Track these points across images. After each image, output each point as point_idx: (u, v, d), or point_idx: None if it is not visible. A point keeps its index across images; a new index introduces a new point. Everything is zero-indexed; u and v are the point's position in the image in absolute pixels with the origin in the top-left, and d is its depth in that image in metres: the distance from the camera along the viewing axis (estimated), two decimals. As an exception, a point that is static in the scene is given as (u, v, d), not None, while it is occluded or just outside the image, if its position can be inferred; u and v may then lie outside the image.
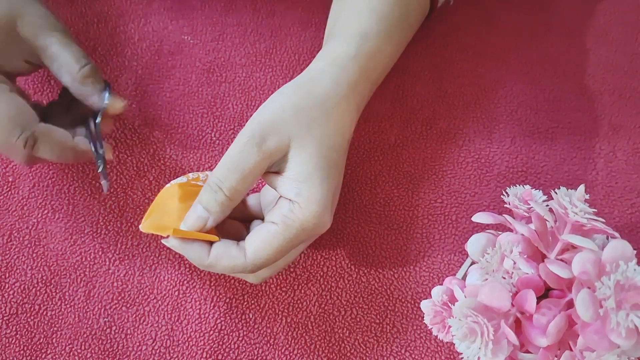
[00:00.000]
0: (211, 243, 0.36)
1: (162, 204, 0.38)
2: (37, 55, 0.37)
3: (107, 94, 0.38)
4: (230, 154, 0.36)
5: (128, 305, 0.41)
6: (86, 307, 0.41)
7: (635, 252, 0.32)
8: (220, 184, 0.35)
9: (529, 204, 0.37)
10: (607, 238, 0.37)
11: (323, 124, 0.37)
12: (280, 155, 0.36)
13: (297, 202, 0.35)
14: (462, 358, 0.34)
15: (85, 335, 0.40)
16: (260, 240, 0.35)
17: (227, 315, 0.41)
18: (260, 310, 0.42)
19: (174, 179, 0.42)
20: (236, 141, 0.36)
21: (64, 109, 0.40)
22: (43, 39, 0.37)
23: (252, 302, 0.42)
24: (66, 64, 0.37)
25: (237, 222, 0.40)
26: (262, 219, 0.39)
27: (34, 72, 0.40)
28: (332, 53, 0.40)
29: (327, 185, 0.36)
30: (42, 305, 0.41)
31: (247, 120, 0.47)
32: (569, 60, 0.52)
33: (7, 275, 0.42)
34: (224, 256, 0.36)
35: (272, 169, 0.37)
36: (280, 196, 0.37)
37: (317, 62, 0.40)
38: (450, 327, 0.34)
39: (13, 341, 0.40)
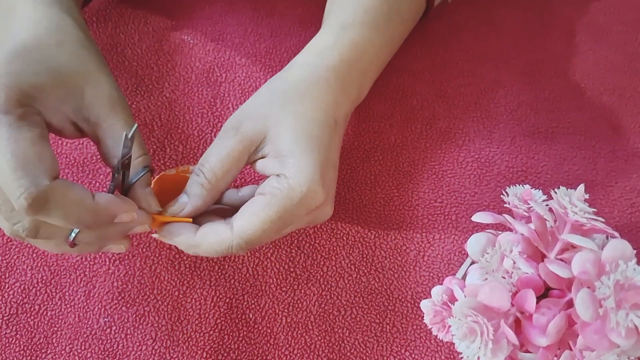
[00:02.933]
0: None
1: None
2: (91, 125, 0.34)
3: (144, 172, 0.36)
4: (213, 143, 0.37)
5: (128, 305, 0.41)
6: (86, 307, 0.41)
7: (635, 251, 0.32)
8: (201, 167, 0.36)
9: (529, 204, 0.37)
10: (607, 238, 0.37)
11: (298, 101, 0.37)
12: (260, 138, 0.36)
13: (283, 173, 0.35)
14: (462, 358, 0.34)
15: (85, 335, 0.40)
16: (247, 212, 0.35)
17: (227, 315, 0.41)
18: (260, 310, 0.42)
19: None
20: (219, 133, 0.37)
21: None
22: (110, 118, 0.34)
23: (252, 302, 0.42)
24: (116, 150, 0.34)
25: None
26: None
27: (76, 138, 0.36)
28: (314, 44, 0.41)
29: (312, 157, 0.35)
30: (42, 305, 0.41)
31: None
32: (569, 60, 0.52)
33: (7, 275, 0.42)
34: (210, 233, 0.35)
35: (257, 156, 0.37)
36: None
37: (298, 55, 0.41)
38: (450, 326, 0.34)
39: (13, 341, 0.40)
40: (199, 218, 0.37)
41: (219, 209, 0.39)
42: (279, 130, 0.36)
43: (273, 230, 0.35)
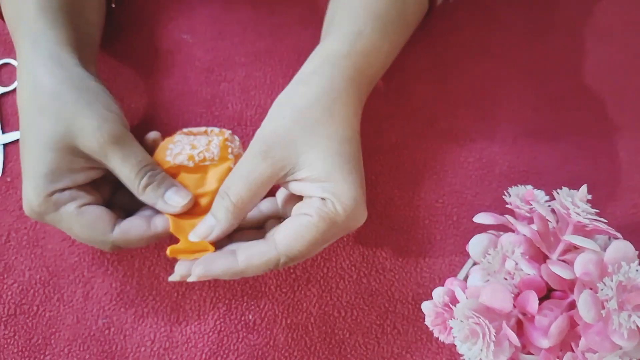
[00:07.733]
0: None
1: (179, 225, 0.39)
2: (101, 165, 0.37)
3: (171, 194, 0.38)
4: (239, 165, 0.37)
5: (127, 307, 0.41)
6: (84, 308, 0.41)
7: (637, 252, 0.32)
8: (227, 190, 0.36)
9: (531, 205, 0.37)
10: (610, 239, 0.37)
11: (327, 122, 0.37)
12: (292, 164, 0.36)
13: (328, 197, 0.35)
14: (463, 360, 0.34)
15: (83, 337, 0.40)
16: (294, 232, 0.35)
17: (226, 316, 0.41)
18: (260, 311, 0.42)
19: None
20: (244, 154, 0.37)
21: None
22: (104, 156, 0.36)
23: (252, 303, 0.42)
24: (126, 178, 0.37)
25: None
26: (279, 218, 0.40)
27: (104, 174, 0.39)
28: (324, 52, 0.40)
29: (352, 179, 0.36)
30: (40, 306, 0.41)
31: (247, 120, 0.48)
32: (571, 60, 0.52)
33: (5, 275, 0.41)
34: (255, 255, 0.35)
35: (289, 179, 0.37)
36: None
37: (308, 63, 0.40)
38: (451, 328, 0.34)
39: (11, 342, 0.40)
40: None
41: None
42: (314, 157, 0.36)
43: (315, 249, 0.36)
